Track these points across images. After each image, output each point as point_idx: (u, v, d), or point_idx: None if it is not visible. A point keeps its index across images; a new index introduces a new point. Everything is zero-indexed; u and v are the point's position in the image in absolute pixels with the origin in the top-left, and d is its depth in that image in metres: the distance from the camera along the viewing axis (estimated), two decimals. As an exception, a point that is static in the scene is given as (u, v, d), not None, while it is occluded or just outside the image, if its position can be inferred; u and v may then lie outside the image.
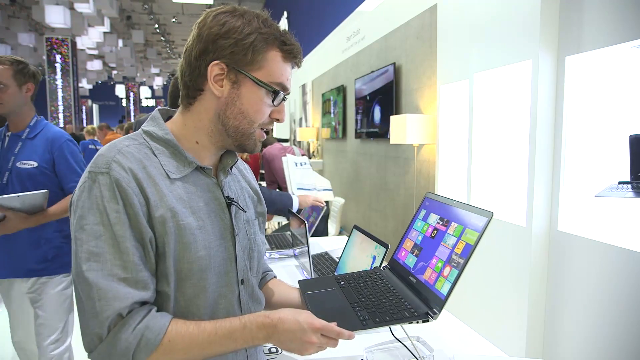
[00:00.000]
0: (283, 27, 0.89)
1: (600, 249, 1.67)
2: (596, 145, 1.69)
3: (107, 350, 0.75)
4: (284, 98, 0.90)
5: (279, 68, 0.87)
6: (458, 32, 2.55)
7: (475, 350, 1.31)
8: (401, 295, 0.99)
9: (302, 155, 4.27)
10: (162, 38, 18.35)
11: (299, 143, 7.94)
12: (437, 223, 1.07)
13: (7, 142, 1.95)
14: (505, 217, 2.11)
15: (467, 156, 2.45)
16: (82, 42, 14.81)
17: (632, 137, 1.53)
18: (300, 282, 1.08)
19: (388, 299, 0.98)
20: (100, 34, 13.71)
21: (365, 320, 0.89)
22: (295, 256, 2.23)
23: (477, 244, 0.91)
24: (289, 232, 2.53)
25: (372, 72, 4.48)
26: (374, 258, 1.46)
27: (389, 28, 4.19)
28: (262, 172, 5.89)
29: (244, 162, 1.11)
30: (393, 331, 1.11)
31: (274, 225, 5.34)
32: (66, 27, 11.28)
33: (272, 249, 2.35)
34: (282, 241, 2.49)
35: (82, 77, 21.69)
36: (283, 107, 0.92)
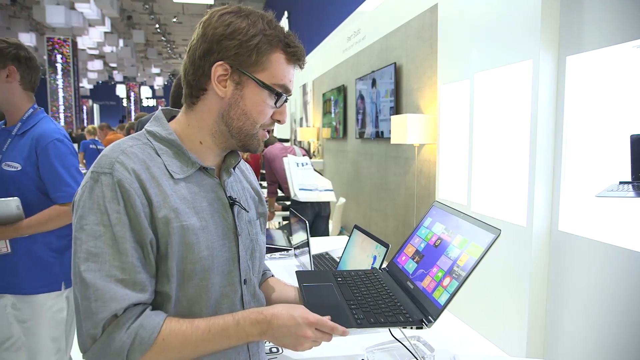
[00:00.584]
0: (284, 27, 0.89)
1: (601, 249, 1.67)
2: (597, 145, 1.68)
3: (101, 350, 0.75)
4: (285, 99, 0.90)
5: (282, 70, 0.87)
6: (459, 32, 2.55)
7: (475, 350, 1.31)
8: (397, 299, 0.99)
9: (303, 155, 4.27)
10: (163, 38, 18.36)
11: (300, 143, 7.94)
12: (443, 233, 1.06)
13: None
14: (505, 217, 2.11)
15: (468, 156, 2.45)
16: (82, 42, 14.83)
17: (633, 137, 1.53)
18: (297, 273, 1.08)
19: (384, 300, 0.98)
20: (101, 33, 13.73)
21: (360, 320, 0.89)
22: (295, 256, 2.23)
23: (481, 259, 0.90)
24: (286, 232, 2.53)
25: (373, 71, 4.48)
26: (375, 258, 1.46)
27: (389, 28, 4.19)
28: (262, 172, 5.90)
29: (245, 162, 1.11)
30: (392, 331, 1.11)
31: (274, 225, 5.34)
32: (67, 27, 11.29)
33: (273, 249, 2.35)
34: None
35: (83, 77, 21.71)
36: (285, 109, 0.92)
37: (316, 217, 3.94)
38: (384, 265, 1.22)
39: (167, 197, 0.82)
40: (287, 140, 8.04)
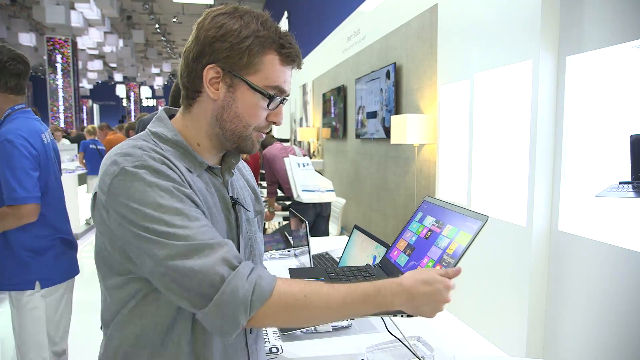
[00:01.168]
0: (283, 27, 0.89)
1: (601, 249, 1.67)
2: (597, 145, 1.68)
3: (225, 302, 0.75)
4: (282, 100, 0.89)
5: (276, 71, 0.85)
6: (458, 32, 2.55)
7: (475, 350, 1.31)
8: None
9: (304, 155, 4.28)
10: (163, 38, 18.36)
11: (300, 143, 7.94)
12: (432, 225, 1.09)
13: None
14: (505, 217, 2.11)
15: (468, 156, 2.45)
16: (82, 42, 14.83)
17: (633, 137, 1.53)
18: (290, 270, 1.09)
19: None
20: (100, 34, 13.73)
21: None
22: (295, 256, 2.23)
23: (469, 246, 0.93)
24: (286, 232, 2.53)
25: (373, 71, 4.48)
26: (375, 258, 1.46)
27: (389, 28, 4.19)
28: (262, 172, 5.89)
29: (242, 161, 1.11)
30: (393, 331, 1.11)
31: (274, 225, 5.34)
32: (67, 27, 11.30)
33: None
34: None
35: (83, 77, 21.71)
36: (280, 110, 0.91)
37: (317, 217, 3.95)
38: None
39: (193, 186, 0.83)
40: (287, 141, 8.03)
